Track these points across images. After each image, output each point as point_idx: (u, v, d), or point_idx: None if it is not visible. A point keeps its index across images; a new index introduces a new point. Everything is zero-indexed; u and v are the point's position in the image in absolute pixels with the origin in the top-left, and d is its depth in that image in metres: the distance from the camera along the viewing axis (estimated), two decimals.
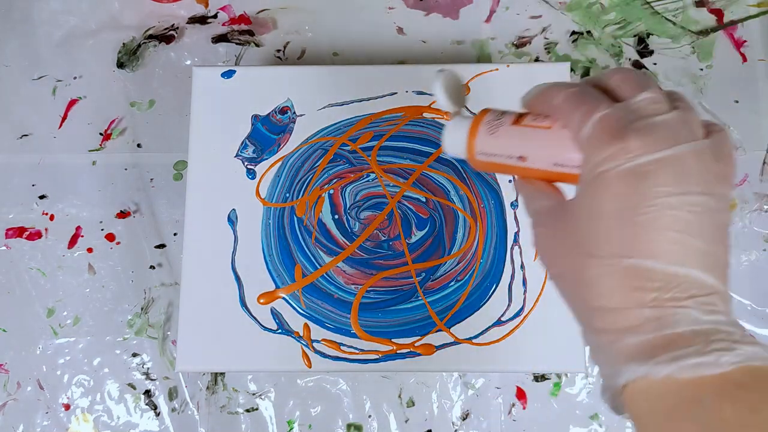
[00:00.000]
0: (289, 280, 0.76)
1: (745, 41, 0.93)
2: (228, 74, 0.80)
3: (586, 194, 0.45)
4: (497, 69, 0.80)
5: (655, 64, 0.93)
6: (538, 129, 0.50)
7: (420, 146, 0.78)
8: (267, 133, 0.79)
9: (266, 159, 0.78)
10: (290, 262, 0.76)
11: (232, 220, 0.77)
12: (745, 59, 0.93)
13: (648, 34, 0.94)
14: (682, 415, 0.40)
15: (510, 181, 0.76)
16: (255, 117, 0.79)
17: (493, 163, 0.53)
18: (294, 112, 0.79)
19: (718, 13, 0.94)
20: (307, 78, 0.80)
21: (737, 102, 0.92)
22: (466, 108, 0.59)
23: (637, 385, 0.42)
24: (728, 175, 0.45)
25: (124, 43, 0.95)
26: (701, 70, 0.93)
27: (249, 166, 0.78)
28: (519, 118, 0.52)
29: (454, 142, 0.56)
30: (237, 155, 0.78)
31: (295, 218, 0.77)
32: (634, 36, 0.94)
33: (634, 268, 0.43)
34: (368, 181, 0.77)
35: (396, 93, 0.79)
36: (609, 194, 0.43)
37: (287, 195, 0.77)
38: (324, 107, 0.79)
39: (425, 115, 0.79)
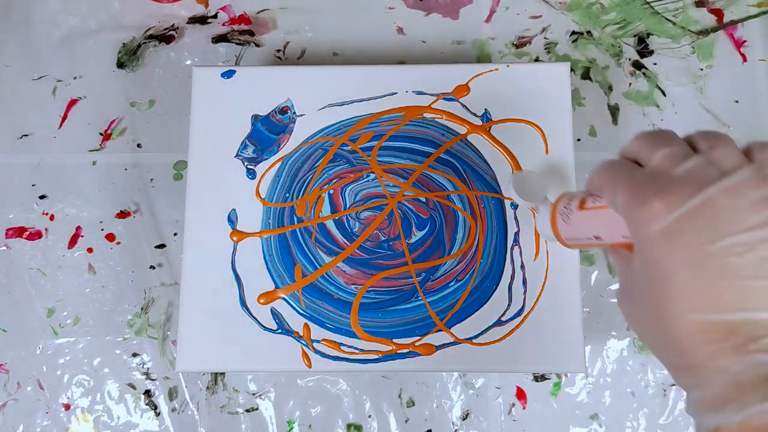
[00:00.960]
0: (289, 280, 0.76)
1: (745, 41, 0.93)
2: (228, 74, 0.80)
3: (637, 259, 0.47)
4: (497, 69, 0.80)
5: (655, 64, 0.93)
6: (599, 210, 0.55)
7: (420, 146, 0.78)
8: (267, 133, 0.78)
9: (266, 159, 0.78)
10: (290, 262, 0.76)
11: (232, 220, 0.76)
12: (745, 59, 0.93)
13: (648, 34, 0.94)
14: None
15: (510, 181, 0.77)
16: (255, 117, 0.79)
17: (577, 243, 0.61)
18: (294, 112, 0.79)
19: (718, 13, 0.94)
20: (307, 78, 0.80)
21: (737, 102, 0.92)
22: (546, 197, 0.64)
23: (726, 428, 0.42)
24: None
25: (124, 43, 0.95)
26: (701, 70, 0.93)
27: (249, 166, 0.78)
28: (583, 202, 0.57)
29: (543, 231, 0.66)
30: (237, 155, 0.78)
31: (295, 218, 0.77)
32: (634, 36, 0.94)
33: (701, 324, 0.43)
34: (368, 181, 0.77)
35: (396, 93, 0.79)
36: (651, 259, 0.45)
37: (287, 195, 0.77)
38: (324, 107, 0.79)
39: (425, 115, 0.79)
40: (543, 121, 0.78)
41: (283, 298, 0.75)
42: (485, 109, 0.79)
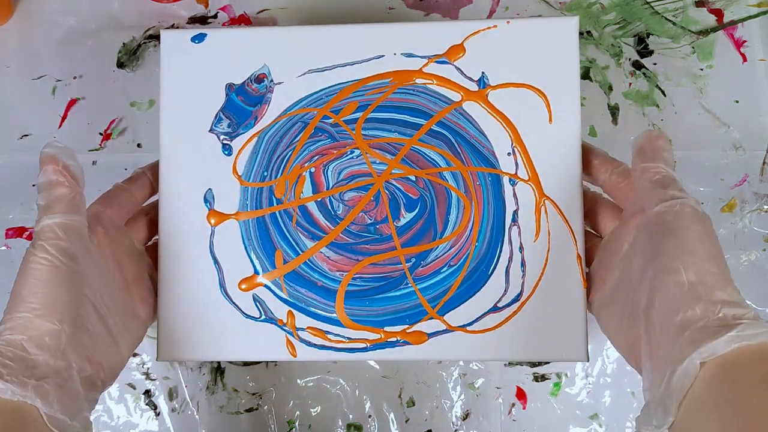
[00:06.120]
0: (269, 266, 0.67)
1: (745, 41, 0.90)
2: (199, 38, 0.70)
3: None
4: (496, 26, 0.67)
5: (655, 64, 0.90)
6: None
7: (409, 117, 0.67)
8: (242, 104, 0.68)
9: (243, 133, 0.68)
10: (270, 247, 0.67)
11: (208, 200, 0.67)
12: (745, 59, 0.90)
13: (648, 34, 0.91)
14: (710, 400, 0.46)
15: (509, 154, 0.66)
16: (229, 87, 0.69)
17: None
18: (271, 80, 0.68)
19: (718, 13, 0.91)
20: (285, 40, 0.69)
21: (737, 102, 0.89)
22: None
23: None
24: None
25: (124, 43, 0.92)
26: (701, 70, 0.90)
27: (225, 141, 0.69)
28: None
29: None
30: (211, 130, 0.69)
31: (274, 199, 0.67)
32: (634, 36, 0.91)
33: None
34: (352, 158, 0.67)
35: (383, 56, 0.68)
36: None
37: (265, 174, 0.67)
38: (304, 74, 0.68)
39: (417, 81, 0.68)
40: (547, 85, 0.67)
41: (265, 285, 0.68)
42: (482, 73, 0.67)
